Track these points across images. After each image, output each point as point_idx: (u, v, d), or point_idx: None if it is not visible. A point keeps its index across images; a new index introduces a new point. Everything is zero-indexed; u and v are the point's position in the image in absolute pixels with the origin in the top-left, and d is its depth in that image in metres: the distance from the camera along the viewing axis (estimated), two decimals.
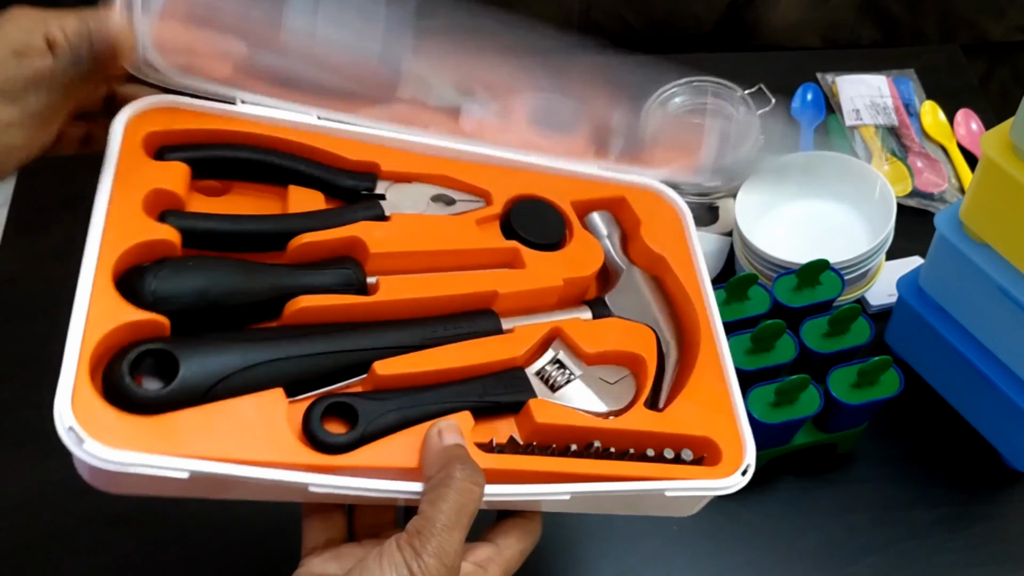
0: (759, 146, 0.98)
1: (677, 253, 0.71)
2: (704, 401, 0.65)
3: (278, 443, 0.54)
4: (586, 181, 0.73)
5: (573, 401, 0.63)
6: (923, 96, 1.12)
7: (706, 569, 0.82)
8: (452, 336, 0.62)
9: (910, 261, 0.97)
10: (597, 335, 0.65)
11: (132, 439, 0.52)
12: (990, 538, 0.84)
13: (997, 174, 0.68)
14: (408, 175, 0.68)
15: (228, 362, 0.55)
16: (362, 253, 0.63)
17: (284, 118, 0.66)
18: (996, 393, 0.79)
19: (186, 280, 0.57)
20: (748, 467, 0.63)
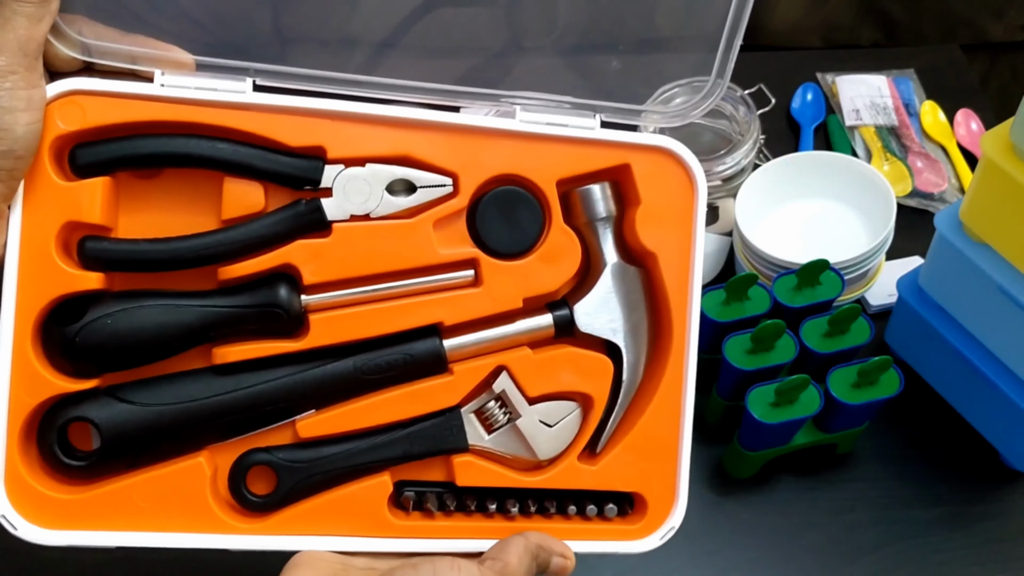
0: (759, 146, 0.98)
1: (673, 245, 0.62)
2: (647, 447, 0.62)
3: (200, 512, 0.58)
4: (582, 145, 0.61)
5: (508, 446, 0.61)
6: (923, 96, 1.12)
7: (706, 568, 0.82)
8: (388, 370, 0.59)
9: (910, 261, 0.97)
10: (546, 372, 0.61)
11: (65, 518, 0.56)
12: (989, 537, 0.84)
13: (997, 174, 0.68)
14: (361, 158, 0.59)
15: (154, 430, 0.57)
16: (296, 275, 0.59)
17: (212, 97, 0.58)
18: (996, 393, 0.79)
19: (107, 334, 0.56)
20: (671, 530, 0.62)
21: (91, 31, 0.57)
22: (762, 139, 0.98)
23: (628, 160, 0.62)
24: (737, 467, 0.85)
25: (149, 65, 0.58)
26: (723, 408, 0.86)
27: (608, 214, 0.63)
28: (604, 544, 0.61)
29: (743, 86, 0.99)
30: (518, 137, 0.61)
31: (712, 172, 0.95)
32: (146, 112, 0.57)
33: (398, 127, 0.60)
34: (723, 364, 0.81)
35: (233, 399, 0.58)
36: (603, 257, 0.63)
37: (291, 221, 0.59)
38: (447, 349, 0.60)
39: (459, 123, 0.60)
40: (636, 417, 0.62)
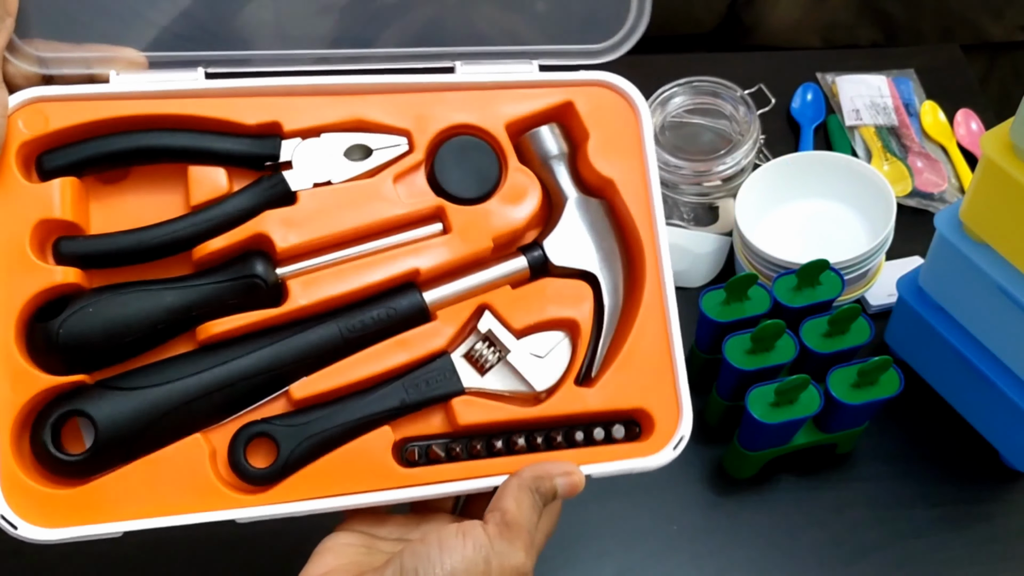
0: (759, 146, 0.98)
1: (629, 170, 0.64)
2: (642, 364, 0.62)
3: (202, 491, 0.57)
4: (525, 89, 0.65)
5: (503, 383, 0.61)
6: (923, 96, 1.12)
7: (706, 568, 0.82)
8: (372, 327, 0.60)
9: (910, 261, 0.97)
10: (528, 305, 0.62)
11: (65, 513, 0.56)
12: (990, 537, 0.84)
13: (997, 174, 0.68)
14: (316, 128, 0.62)
15: (146, 413, 0.57)
16: (270, 247, 0.61)
17: (166, 87, 0.61)
18: (996, 393, 0.79)
19: (90, 325, 0.56)
20: (681, 439, 0.61)
21: (46, 47, 0.59)
22: (762, 139, 0.98)
23: (570, 98, 0.65)
24: (737, 467, 0.85)
25: (103, 67, 0.60)
26: (723, 408, 0.86)
27: (560, 151, 0.65)
28: (620, 464, 0.60)
29: (743, 86, 0.99)
30: (462, 88, 0.64)
31: (712, 172, 0.95)
32: (105, 110, 0.60)
33: (347, 94, 0.63)
34: (723, 364, 0.81)
35: (222, 372, 0.58)
36: (563, 193, 0.65)
37: (258, 196, 0.61)
38: (428, 302, 0.61)
39: (405, 83, 0.63)
40: (624, 337, 0.63)
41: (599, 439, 0.62)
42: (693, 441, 0.87)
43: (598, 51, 0.66)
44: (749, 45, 1.45)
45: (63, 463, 0.56)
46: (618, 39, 0.66)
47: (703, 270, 0.98)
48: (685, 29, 1.43)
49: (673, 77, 1.00)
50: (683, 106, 1.00)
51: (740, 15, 1.43)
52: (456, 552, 0.52)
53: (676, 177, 0.96)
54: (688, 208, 1.00)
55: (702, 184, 0.96)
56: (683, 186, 0.97)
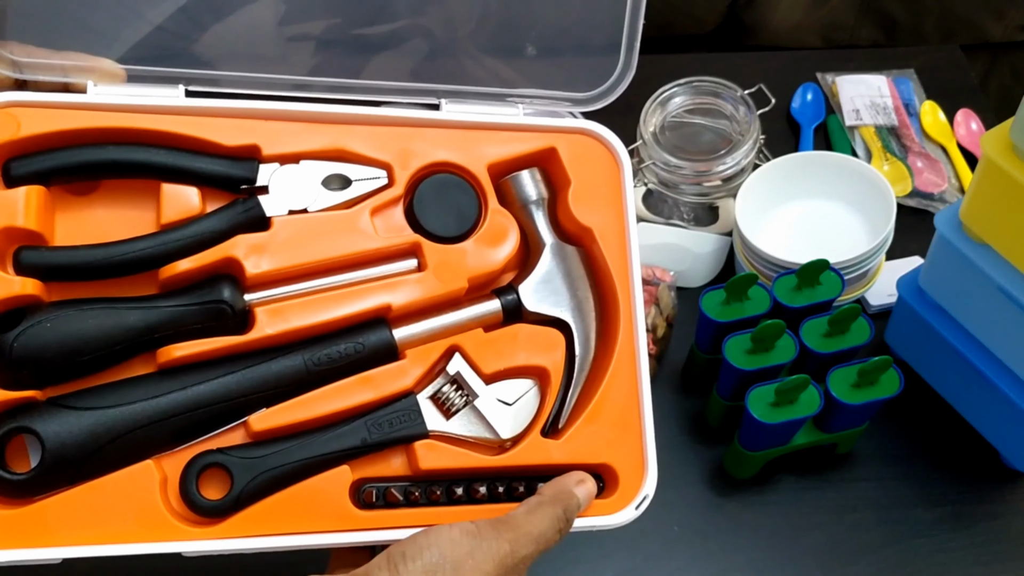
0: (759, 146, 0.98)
1: (607, 220, 0.64)
2: (610, 418, 0.62)
3: (150, 520, 0.55)
4: (509, 132, 0.64)
5: (468, 428, 0.60)
6: (923, 96, 1.12)
7: (707, 569, 0.82)
8: (339, 362, 0.58)
9: (910, 261, 0.97)
10: (499, 350, 0.61)
11: (4, 534, 0.53)
12: (991, 537, 0.84)
13: (997, 174, 0.68)
14: (295, 155, 0.61)
15: (97, 434, 0.54)
16: (239, 271, 0.59)
17: (145, 102, 0.59)
18: (996, 393, 0.79)
19: (46, 339, 0.54)
20: (645, 498, 0.61)
21: (22, 52, 0.58)
22: (762, 139, 0.98)
23: (553, 144, 0.65)
24: (737, 467, 0.85)
25: (80, 77, 0.59)
26: (723, 408, 0.86)
27: (539, 197, 0.64)
28: (581, 521, 0.59)
29: (743, 86, 0.99)
30: (445, 126, 0.63)
31: (712, 172, 0.95)
32: (80, 120, 0.57)
33: (330, 123, 0.61)
34: (723, 364, 0.81)
35: (180, 398, 0.55)
36: (540, 239, 0.64)
37: (231, 219, 0.59)
38: (398, 339, 0.60)
39: (389, 116, 0.62)
40: (594, 390, 0.62)
41: None
42: (693, 441, 0.88)
43: (584, 99, 0.67)
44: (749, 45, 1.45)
45: (6, 482, 0.53)
46: (604, 88, 0.66)
47: (703, 270, 0.98)
48: (685, 29, 1.43)
49: (673, 77, 1.00)
50: (683, 106, 1.00)
51: (740, 15, 1.43)
52: (442, 533, 0.52)
53: (676, 177, 0.96)
54: (688, 208, 1.00)
55: (702, 184, 0.96)
56: (683, 186, 0.97)
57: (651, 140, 0.96)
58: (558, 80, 0.66)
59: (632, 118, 0.98)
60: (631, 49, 0.65)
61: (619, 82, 0.66)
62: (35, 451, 0.54)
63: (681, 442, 0.89)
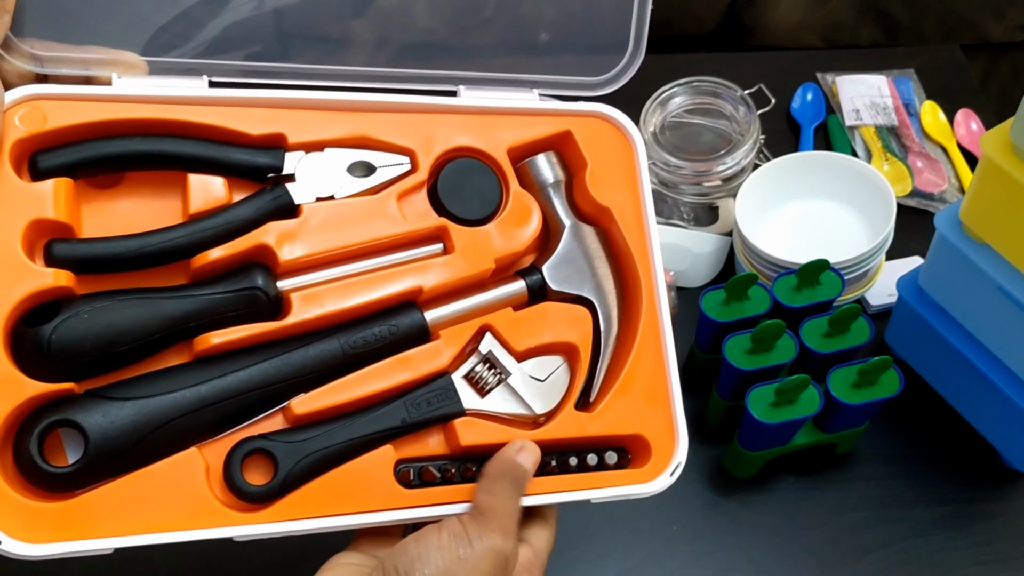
0: (759, 146, 0.98)
1: (624, 200, 0.65)
2: (639, 390, 0.63)
3: (198, 507, 0.55)
4: (525, 115, 0.66)
5: (503, 405, 0.61)
6: (923, 96, 1.12)
7: (707, 568, 0.82)
8: (374, 344, 0.59)
9: (910, 261, 0.97)
10: (529, 328, 0.62)
11: (51, 528, 0.53)
12: (991, 537, 0.84)
13: (997, 174, 0.68)
14: (320, 143, 0.61)
15: (139, 424, 0.54)
16: (271, 259, 0.59)
17: (170, 93, 0.59)
18: (996, 393, 0.79)
19: (83, 331, 0.54)
20: (678, 466, 0.62)
21: (42, 47, 0.58)
22: (762, 139, 0.98)
23: (569, 127, 0.66)
24: (737, 467, 0.85)
25: (103, 70, 0.59)
26: (723, 408, 0.86)
27: (556, 179, 0.66)
28: (619, 490, 0.61)
29: (743, 86, 0.99)
30: (464, 112, 0.64)
31: (712, 172, 0.95)
32: (106, 112, 0.58)
33: (353, 111, 0.62)
34: (723, 364, 0.81)
35: (220, 385, 0.56)
36: (560, 220, 0.65)
37: (260, 207, 0.59)
38: (429, 321, 0.61)
39: (409, 103, 0.63)
40: (622, 364, 0.63)
41: (592, 465, 0.62)
42: (693, 441, 0.88)
43: (596, 83, 0.68)
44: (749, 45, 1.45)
45: (50, 475, 0.53)
46: (615, 72, 0.68)
47: (703, 270, 0.98)
48: (685, 29, 1.43)
49: (673, 77, 1.00)
50: (683, 106, 1.00)
51: (740, 15, 1.43)
52: (432, 542, 0.53)
53: (676, 177, 0.96)
54: (688, 208, 1.00)
55: (702, 184, 0.96)
56: (683, 186, 0.97)
57: (651, 140, 0.96)
58: (569, 66, 0.68)
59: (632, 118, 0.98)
60: (640, 36, 0.67)
61: (628, 66, 0.67)
62: (74, 444, 0.54)
63: None
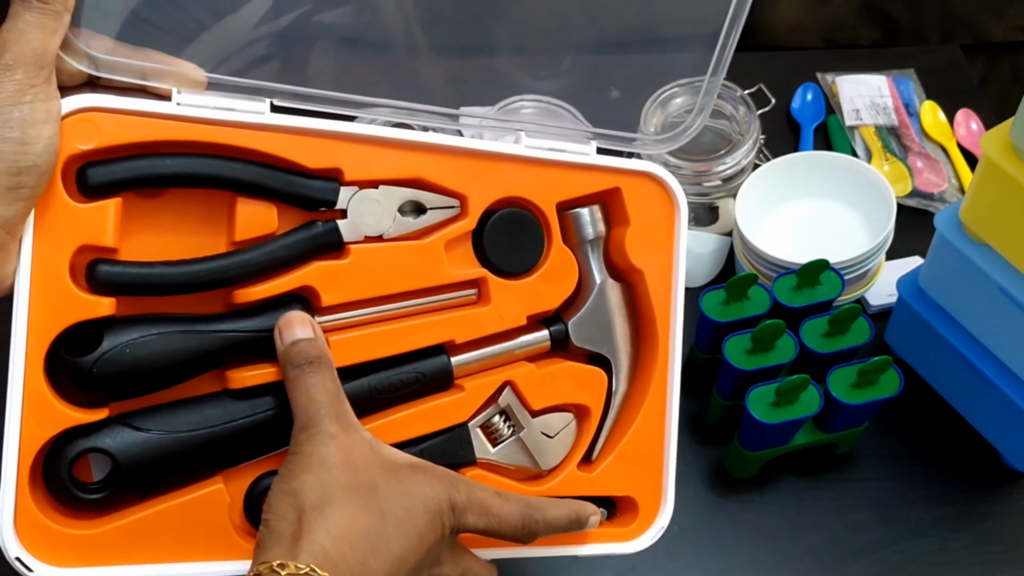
0: (759, 146, 0.98)
1: (659, 263, 0.67)
2: (638, 454, 0.66)
3: (220, 540, 0.57)
4: (577, 170, 0.65)
5: (511, 457, 0.64)
6: (923, 96, 1.12)
7: (707, 568, 0.82)
8: (399, 389, 0.61)
9: (910, 261, 0.97)
10: (548, 387, 0.64)
11: (81, 554, 0.54)
12: (991, 537, 0.84)
13: (997, 174, 0.68)
14: (374, 180, 0.61)
15: (169, 458, 0.56)
16: (313, 297, 0.59)
17: (230, 118, 0.56)
18: (996, 393, 0.79)
19: (125, 364, 0.54)
20: (661, 529, 0.66)
21: (99, 45, 0.54)
22: (762, 139, 0.98)
23: (618, 184, 0.66)
24: (737, 467, 0.85)
25: (159, 81, 0.56)
26: (723, 408, 0.86)
27: (597, 235, 0.67)
28: (600, 547, 0.65)
29: (743, 86, 0.99)
30: (521, 161, 0.63)
31: (712, 172, 0.95)
32: (162, 132, 0.55)
33: (410, 150, 0.61)
34: (723, 364, 0.81)
35: (251, 423, 0.57)
36: (592, 276, 0.67)
37: (308, 242, 0.59)
38: (454, 365, 0.63)
39: (467, 147, 0.62)
40: (627, 426, 0.66)
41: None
42: (693, 441, 0.88)
43: (654, 141, 0.70)
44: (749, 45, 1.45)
45: (80, 500, 0.54)
46: (678, 131, 0.68)
47: (703, 270, 0.98)
48: None
49: None
50: (683, 106, 1.00)
51: None
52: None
53: (676, 177, 0.96)
54: (688, 208, 1.00)
55: (702, 184, 0.96)
56: (683, 186, 0.96)
57: None
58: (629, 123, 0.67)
59: (632, 118, 0.98)
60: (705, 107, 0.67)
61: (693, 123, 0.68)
62: (101, 466, 0.55)
63: (681, 442, 0.87)
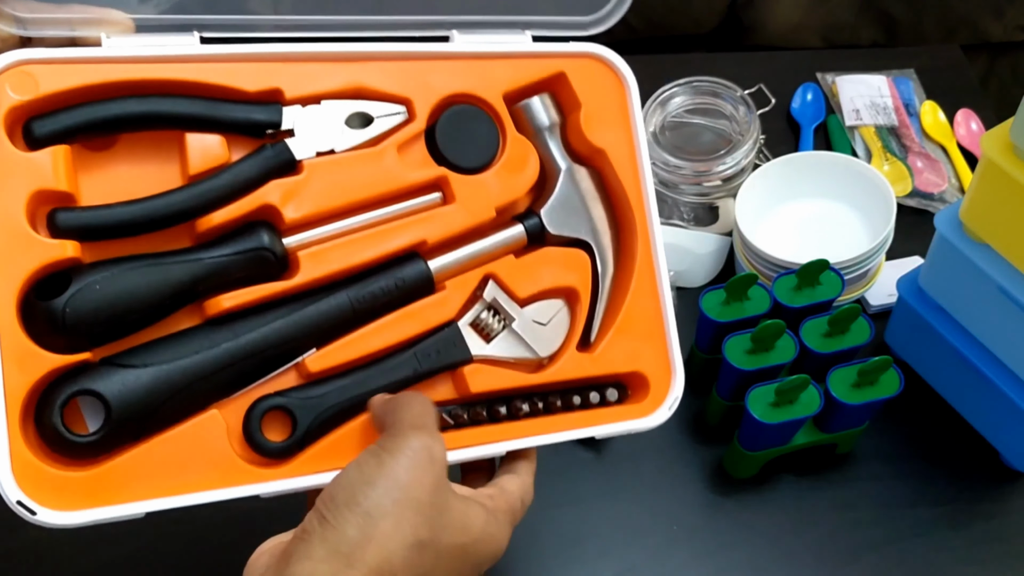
0: (759, 146, 0.98)
1: (619, 141, 0.66)
2: (637, 329, 0.65)
3: (223, 467, 0.56)
4: (519, 59, 0.66)
5: (508, 350, 0.63)
6: (923, 96, 1.13)
7: (706, 568, 0.82)
8: (381, 299, 0.60)
9: (910, 261, 0.97)
10: (530, 274, 0.64)
11: (82, 495, 0.54)
12: (990, 537, 0.84)
13: (997, 174, 0.68)
14: (316, 96, 0.61)
15: (158, 390, 0.55)
16: (276, 217, 0.60)
17: (163, 52, 0.58)
18: (996, 393, 0.79)
19: (96, 302, 0.54)
20: (675, 400, 0.65)
21: (25, 8, 0.56)
22: (762, 139, 0.98)
23: (562, 69, 0.66)
24: (737, 467, 0.85)
25: (88, 30, 0.57)
26: (723, 408, 0.86)
27: (552, 122, 0.66)
28: (619, 425, 0.63)
29: (743, 86, 0.99)
30: (459, 58, 0.64)
31: (712, 172, 0.95)
32: (98, 75, 0.57)
33: (346, 61, 0.62)
34: (723, 364, 0.81)
35: (234, 347, 0.57)
36: (556, 163, 0.66)
37: (262, 165, 0.59)
38: (433, 270, 0.62)
39: (403, 51, 0.63)
40: (620, 303, 0.65)
41: (595, 402, 0.64)
42: (693, 441, 0.88)
43: (587, 23, 0.68)
44: (749, 45, 1.45)
45: (75, 444, 0.54)
46: (608, 10, 0.67)
47: (703, 270, 0.98)
48: (685, 29, 1.43)
49: (673, 77, 1.00)
50: (683, 106, 1.00)
51: (740, 15, 1.43)
52: (350, 467, 0.52)
53: (676, 177, 0.96)
54: (688, 208, 1.00)
55: (702, 184, 0.96)
56: (683, 186, 0.97)
57: (651, 140, 0.96)
58: (561, 5, 0.67)
59: None
60: None
61: (620, 4, 0.67)
62: (93, 412, 0.55)
63: (681, 442, 0.89)
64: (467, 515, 0.54)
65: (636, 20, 1.41)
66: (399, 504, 0.50)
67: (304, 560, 0.49)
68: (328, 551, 0.49)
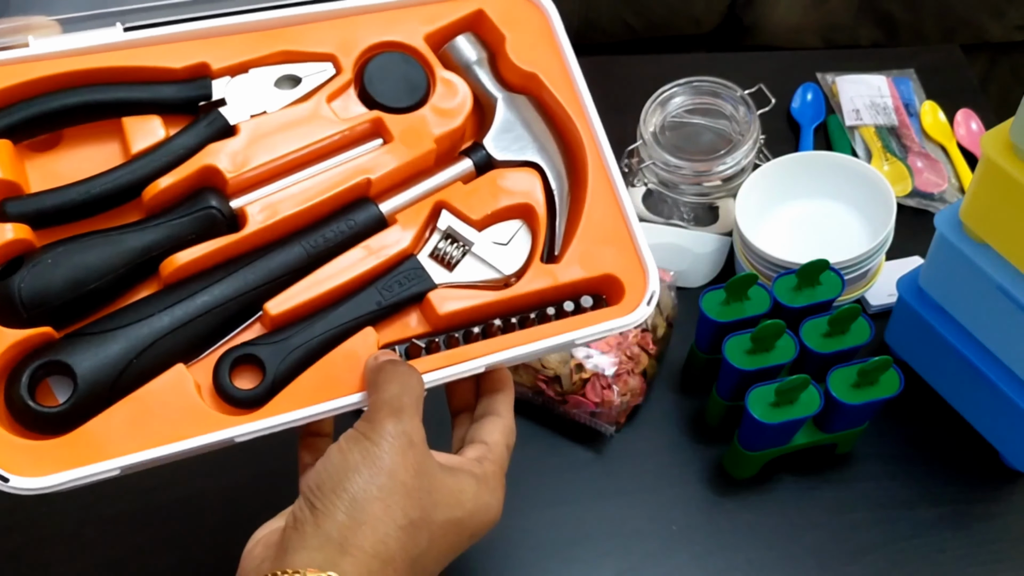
0: (759, 146, 0.98)
1: (550, 66, 0.67)
2: (600, 234, 0.65)
3: (195, 418, 0.56)
4: (436, 4, 0.68)
5: (472, 273, 0.63)
6: (923, 96, 1.13)
7: (706, 568, 0.82)
8: (334, 242, 0.61)
9: (910, 261, 0.97)
10: (481, 196, 0.64)
11: (55, 460, 0.54)
12: (990, 537, 0.84)
13: (997, 174, 0.68)
14: (243, 65, 0.64)
15: (122, 353, 0.56)
16: (219, 179, 0.61)
17: (87, 44, 0.61)
18: (996, 393, 0.79)
19: (51, 276, 0.55)
20: (652, 295, 0.63)
21: None
22: (762, 139, 0.98)
23: (480, 6, 0.68)
24: (737, 467, 0.85)
25: (16, 37, 0.60)
26: (723, 408, 0.86)
27: (479, 57, 0.68)
28: (599, 326, 0.62)
29: (743, 86, 0.99)
30: (373, 11, 0.67)
31: (712, 172, 0.95)
32: (28, 72, 0.59)
33: (269, 29, 0.65)
34: (723, 364, 0.81)
35: (194, 303, 0.57)
36: (491, 95, 0.67)
37: (198, 134, 0.61)
38: (384, 212, 0.62)
39: (324, 11, 0.66)
40: (579, 214, 0.65)
41: (570, 311, 0.63)
42: (693, 441, 0.88)
43: None
44: (749, 45, 1.45)
45: (45, 416, 0.54)
46: None
47: (703, 270, 0.98)
48: (685, 29, 1.43)
49: (673, 77, 1.00)
50: (683, 106, 1.00)
51: (740, 15, 1.43)
52: (333, 452, 0.53)
53: (676, 177, 0.96)
54: (688, 208, 1.00)
55: (702, 184, 0.96)
56: (683, 186, 0.97)
57: (651, 140, 0.96)
58: None
59: (632, 118, 0.98)
60: None
61: None
62: (63, 385, 0.55)
63: (681, 442, 0.89)
64: (457, 488, 0.55)
65: (636, 20, 1.41)
66: (385, 489, 0.51)
67: (300, 550, 0.50)
68: (322, 539, 0.50)
